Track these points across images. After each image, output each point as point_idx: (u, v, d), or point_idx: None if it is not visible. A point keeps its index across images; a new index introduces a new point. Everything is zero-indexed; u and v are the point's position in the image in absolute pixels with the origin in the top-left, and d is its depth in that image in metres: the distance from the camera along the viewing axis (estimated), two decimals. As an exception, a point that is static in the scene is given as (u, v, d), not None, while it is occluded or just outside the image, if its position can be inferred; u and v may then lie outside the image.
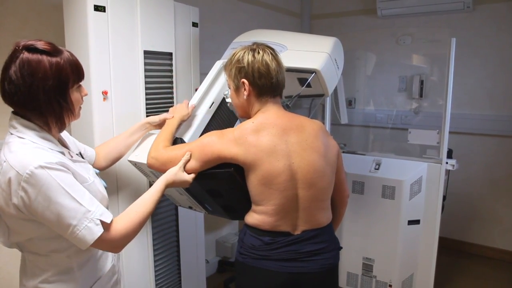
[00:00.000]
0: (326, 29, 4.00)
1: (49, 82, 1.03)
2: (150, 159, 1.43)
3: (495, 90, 3.25)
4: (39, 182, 0.96)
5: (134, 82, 1.82)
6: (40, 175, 0.96)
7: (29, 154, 0.99)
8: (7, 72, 1.01)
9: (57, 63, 1.04)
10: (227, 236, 3.24)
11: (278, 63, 1.37)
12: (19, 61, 1.01)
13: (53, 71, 1.03)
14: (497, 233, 3.38)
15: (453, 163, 2.42)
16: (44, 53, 1.03)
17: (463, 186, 3.42)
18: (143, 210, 1.19)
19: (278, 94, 1.40)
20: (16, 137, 1.04)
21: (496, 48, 3.20)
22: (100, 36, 1.65)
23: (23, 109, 1.05)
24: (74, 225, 1.01)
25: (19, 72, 1.00)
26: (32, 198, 0.97)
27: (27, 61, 1.01)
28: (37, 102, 1.03)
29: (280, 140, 1.30)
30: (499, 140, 3.28)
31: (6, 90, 1.02)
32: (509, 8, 3.13)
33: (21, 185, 0.96)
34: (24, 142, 1.03)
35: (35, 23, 1.87)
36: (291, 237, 1.33)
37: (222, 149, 1.30)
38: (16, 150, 1.00)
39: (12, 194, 0.98)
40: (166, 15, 1.91)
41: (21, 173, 0.96)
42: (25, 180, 0.96)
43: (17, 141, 1.03)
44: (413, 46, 3.49)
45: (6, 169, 0.98)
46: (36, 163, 0.97)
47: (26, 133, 1.05)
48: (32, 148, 1.02)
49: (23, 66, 1.00)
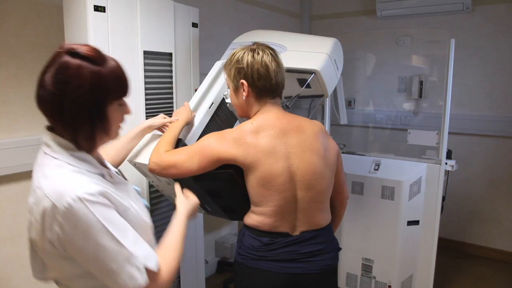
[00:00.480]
0: (326, 29, 4.00)
1: (84, 93, 0.88)
2: (151, 164, 1.42)
3: (494, 90, 3.25)
4: (77, 217, 0.83)
5: (133, 82, 1.81)
6: (79, 210, 0.83)
7: (66, 181, 0.86)
8: (43, 76, 0.89)
9: (98, 72, 0.90)
10: (227, 237, 3.24)
11: (278, 64, 1.36)
12: (57, 65, 0.88)
13: (91, 81, 0.89)
14: (497, 233, 3.38)
15: (453, 164, 2.42)
16: (86, 60, 0.89)
17: (463, 186, 3.42)
18: (179, 253, 1.07)
19: (277, 95, 1.39)
20: (51, 157, 0.91)
21: (495, 49, 3.21)
22: (100, 36, 1.65)
23: (53, 120, 0.92)
24: (114, 270, 0.87)
25: (54, 77, 0.87)
26: (69, 235, 0.84)
27: (65, 66, 0.88)
28: (67, 114, 0.89)
29: (279, 141, 1.29)
30: (498, 140, 3.28)
31: (39, 96, 0.90)
32: (508, 9, 3.13)
33: (56, 219, 0.83)
34: (60, 164, 0.90)
35: (35, 23, 1.87)
36: (290, 238, 1.33)
37: (221, 151, 1.29)
38: (52, 175, 0.88)
39: (46, 228, 0.85)
40: (166, 16, 1.91)
41: (57, 205, 0.83)
42: (62, 214, 0.83)
43: (52, 164, 0.90)
44: (412, 47, 3.50)
45: (41, 197, 0.85)
46: (75, 195, 0.83)
47: (62, 153, 0.92)
48: (69, 172, 0.89)
49: (60, 71, 0.88)
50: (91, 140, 0.95)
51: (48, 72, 0.88)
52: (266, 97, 1.37)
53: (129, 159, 1.68)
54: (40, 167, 0.91)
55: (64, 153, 0.92)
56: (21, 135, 1.86)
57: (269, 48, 1.38)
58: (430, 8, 3.34)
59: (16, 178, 1.86)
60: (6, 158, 1.78)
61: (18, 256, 1.91)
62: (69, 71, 0.87)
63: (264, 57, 1.34)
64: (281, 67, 1.38)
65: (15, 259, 1.90)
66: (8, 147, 1.78)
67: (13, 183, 1.86)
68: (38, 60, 1.89)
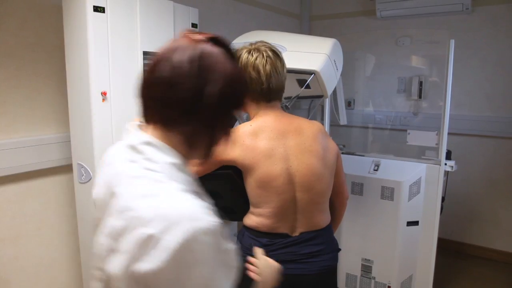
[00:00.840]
0: (326, 30, 4.00)
1: (225, 92, 0.71)
2: None
3: (493, 91, 3.25)
4: (199, 253, 0.64)
5: (133, 83, 1.82)
6: (203, 243, 0.64)
7: (181, 203, 0.66)
8: (170, 57, 0.70)
9: (239, 69, 0.76)
10: (226, 237, 3.23)
11: (275, 67, 1.31)
12: (198, 50, 0.70)
13: (233, 78, 0.73)
14: (496, 234, 3.38)
15: (452, 164, 2.42)
16: (228, 52, 0.75)
17: (462, 187, 3.42)
18: None
19: (273, 99, 1.35)
20: (144, 169, 0.70)
21: (495, 49, 3.21)
22: (100, 36, 1.65)
23: (167, 122, 0.72)
24: None
25: (197, 61, 0.69)
26: (170, 273, 0.63)
27: (208, 55, 0.70)
28: (205, 106, 0.69)
29: (277, 143, 1.29)
30: (497, 141, 3.28)
31: (164, 78, 0.69)
32: (507, 9, 3.13)
33: (159, 250, 0.62)
34: (159, 179, 0.69)
35: (34, 23, 1.87)
36: (289, 239, 1.33)
37: (220, 153, 1.29)
38: (155, 193, 0.67)
39: (137, 259, 0.64)
40: (165, 16, 1.91)
41: (167, 235, 0.62)
42: (173, 248, 0.62)
43: (149, 177, 0.69)
44: (412, 47, 3.50)
45: (137, 223, 0.64)
46: (201, 225, 0.64)
47: (160, 163, 0.71)
48: (176, 191, 0.68)
49: (200, 60, 0.69)
50: (209, 152, 0.76)
51: (177, 55, 0.70)
52: (261, 101, 1.35)
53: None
54: (130, 182, 0.69)
55: (165, 163, 0.71)
56: (21, 136, 1.86)
57: (269, 50, 1.33)
58: (430, 9, 3.34)
59: (15, 179, 1.85)
60: (5, 159, 1.77)
61: (17, 257, 1.90)
62: (214, 59, 0.71)
63: (258, 60, 1.30)
64: (279, 71, 1.33)
65: (14, 260, 1.90)
66: (7, 148, 1.78)
67: (13, 184, 1.85)
68: (38, 60, 1.89)
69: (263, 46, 1.34)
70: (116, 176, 0.71)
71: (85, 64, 1.65)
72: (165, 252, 0.62)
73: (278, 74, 1.33)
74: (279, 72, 1.33)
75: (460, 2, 3.16)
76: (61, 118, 1.98)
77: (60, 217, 2.06)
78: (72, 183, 1.88)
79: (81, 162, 1.76)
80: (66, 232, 2.09)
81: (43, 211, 1.99)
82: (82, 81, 1.68)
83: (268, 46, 1.35)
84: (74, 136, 1.80)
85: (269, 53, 1.32)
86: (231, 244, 0.74)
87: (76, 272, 2.12)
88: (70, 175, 1.93)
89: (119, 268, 0.66)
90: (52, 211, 2.02)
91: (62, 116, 1.97)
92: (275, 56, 1.33)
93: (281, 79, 1.34)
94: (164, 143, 0.72)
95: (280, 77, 1.34)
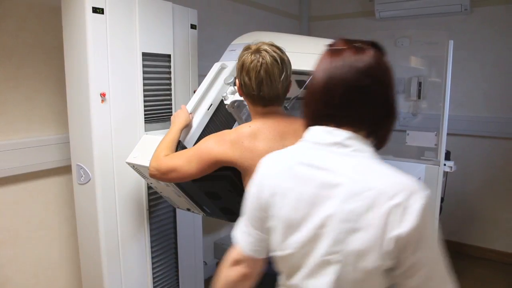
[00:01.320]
0: (325, 31, 4.00)
1: (394, 91, 0.87)
2: (151, 169, 1.41)
3: (492, 92, 3.25)
4: (430, 215, 0.79)
5: (132, 84, 1.82)
6: (430, 208, 0.78)
7: (403, 178, 0.79)
8: (359, 67, 0.83)
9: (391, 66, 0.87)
10: (226, 238, 3.24)
11: (268, 74, 1.26)
12: (374, 59, 0.84)
13: (393, 77, 0.87)
14: (496, 234, 3.38)
15: (451, 165, 2.42)
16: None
17: (461, 187, 3.42)
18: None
19: (269, 105, 1.32)
20: (364, 157, 0.83)
21: (493, 50, 3.21)
22: (99, 38, 1.65)
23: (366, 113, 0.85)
24: (449, 280, 0.86)
25: (377, 67, 0.84)
26: (420, 233, 0.77)
27: (381, 60, 0.86)
28: (390, 105, 0.86)
29: (276, 145, 1.27)
30: (496, 141, 3.28)
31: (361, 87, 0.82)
32: (506, 10, 3.14)
33: (409, 214, 0.75)
34: (377, 162, 0.83)
35: (33, 24, 1.87)
36: None
37: (220, 153, 1.28)
38: (385, 172, 0.80)
39: (388, 229, 0.76)
40: (164, 17, 1.91)
41: (412, 200, 0.76)
42: (419, 209, 0.76)
43: (369, 162, 0.83)
44: (411, 48, 3.50)
45: (382, 198, 0.76)
46: (426, 192, 0.78)
47: (367, 151, 0.85)
48: (395, 170, 0.82)
49: (379, 62, 0.85)
50: (387, 139, 0.92)
51: (361, 59, 0.83)
52: (257, 105, 1.33)
53: (128, 161, 1.68)
54: (354, 169, 0.81)
55: (373, 153, 0.85)
56: (20, 137, 1.86)
57: (269, 55, 1.27)
58: (429, 10, 3.34)
59: (14, 180, 1.85)
60: (4, 160, 1.77)
61: (16, 258, 1.90)
62: (385, 63, 0.86)
63: (252, 65, 1.27)
64: (274, 78, 1.27)
65: (14, 261, 1.90)
66: (7, 149, 1.78)
67: (12, 185, 1.85)
68: (37, 61, 1.89)
69: (264, 51, 1.28)
70: (329, 171, 0.82)
71: (84, 65, 1.65)
72: (414, 215, 0.75)
73: (272, 81, 1.27)
74: (274, 79, 1.27)
75: (459, 3, 3.16)
76: (60, 119, 1.98)
77: (59, 218, 2.06)
78: (71, 184, 1.88)
79: (80, 163, 1.76)
80: (65, 233, 2.08)
81: (42, 212, 1.99)
82: (81, 82, 1.68)
83: (269, 51, 1.28)
84: (73, 137, 1.80)
85: (268, 59, 1.27)
86: None
87: (75, 273, 2.12)
88: (69, 176, 1.92)
89: (368, 241, 0.76)
90: (51, 212, 2.02)
91: (61, 117, 1.97)
92: (274, 62, 1.27)
93: (275, 86, 1.28)
94: (363, 138, 0.86)
95: (274, 84, 1.28)
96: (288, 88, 1.36)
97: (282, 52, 1.32)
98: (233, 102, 1.69)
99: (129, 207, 1.85)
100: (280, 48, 1.32)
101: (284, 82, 1.31)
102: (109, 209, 1.77)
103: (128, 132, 1.81)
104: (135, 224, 1.89)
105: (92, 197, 1.74)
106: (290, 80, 1.35)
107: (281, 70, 1.29)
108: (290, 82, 1.36)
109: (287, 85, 1.34)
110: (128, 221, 1.85)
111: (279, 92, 1.31)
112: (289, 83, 1.35)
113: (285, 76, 1.30)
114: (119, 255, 1.83)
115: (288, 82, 1.34)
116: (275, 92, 1.30)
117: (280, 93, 1.32)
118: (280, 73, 1.29)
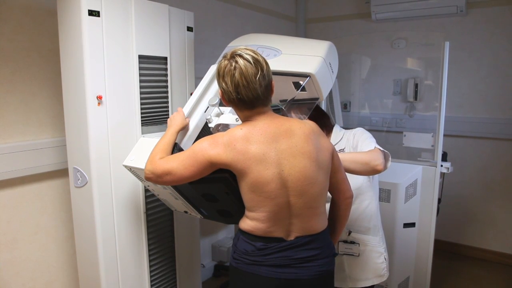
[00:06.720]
0: (321, 33, 4.01)
1: None
2: (146, 172, 1.39)
3: (488, 93, 3.27)
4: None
5: (128, 87, 1.82)
6: None
7: None
8: None
9: None
10: (223, 241, 3.23)
11: (244, 76, 1.25)
12: None
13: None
14: (492, 235, 3.40)
15: (448, 166, 2.43)
16: None
17: (458, 188, 3.44)
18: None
19: (255, 106, 1.31)
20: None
21: (489, 51, 3.23)
22: (95, 41, 1.65)
23: None
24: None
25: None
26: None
27: None
28: None
29: (269, 147, 1.26)
30: (493, 142, 3.30)
31: None
32: (501, 12, 3.16)
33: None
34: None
35: (29, 28, 1.86)
36: (284, 243, 1.32)
37: (214, 156, 1.27)
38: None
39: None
40: (160, 20, 1.91)
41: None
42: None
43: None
44: (407, 50, 3.52)
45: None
46: None
47: None
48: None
49: None
50: None
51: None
52: (242, 109, 1.33)
53: (125, 164, 1.67)
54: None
55: None
56: (16, 140, 1.85)
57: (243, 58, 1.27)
58: (425, 11, 3.36)
59: (11, 183, 1.85)
60: (1, 164, 1.77)
61: (13, 262, 1.90)
62: None
63: (226, 69, 1.27)
64: (250, 80, 1.26)
65: (10, 265, 1.89)
66: (3, 153, 1.77)
67: (8, 188, 1.85)
68: (33, 64, 1.89)
69: (238, 56, 1.27)
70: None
71: (80, 68, 1.65)
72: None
73: (249, 83, 1.26)
74: (250, 81, 1.26)
75: (455, 5, 3.18)
76: (57, 122, 1.97)
77: (56, 221, 2.05)
78: (68, 188, 1.88)
79: (77, 166, 1.76)
80: (62, 237, 2.08)
81: (39, 216, 1.98)
82: (78, 85, 1.68)
83: (243, 54, 1.28)
84: (69, 140, 1.80)
85: (241, 62, 1.26)
86: None
87: (72, 276, 2.11)
88: (66, 179, 1.92)
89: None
90: (48, 215, 2.02)
91: (57, 120, 1.97)
92: (247, 63, 1.26)
93: (252, 87, 1.27)
94: None
95: (252, 86, 1.27)
96: (270, 87, 1.34)
97: (256, 54, 1.30)
98: (218, 126, 1.67)
99: (127, 210, 1.85)
100: (254, 50, 1.31)
101: (261, 81, 1.28)
102: (106, 212, 1.76)
103: (125, 135, 1.81)
104: (132, 227, 1.88)
105: (89, 200, 1.74)
106: (270, 80, 1.33)
107: (255, 70, 1.27)
108: (271, 82, 1.34)
109: (267, 84, 1.31)
110: (125, 224, 1.85)
111: (259, 93, 1.29)
112: (270, 82, 1.33)
113: (261, 75, 1.28)
114: (116, 258, 1.83)
115: (267, 82, 1.31)
116: (254, 93, 1.28)
117: (260, 94, 1.29)
118: (255, 73, 1.27)
